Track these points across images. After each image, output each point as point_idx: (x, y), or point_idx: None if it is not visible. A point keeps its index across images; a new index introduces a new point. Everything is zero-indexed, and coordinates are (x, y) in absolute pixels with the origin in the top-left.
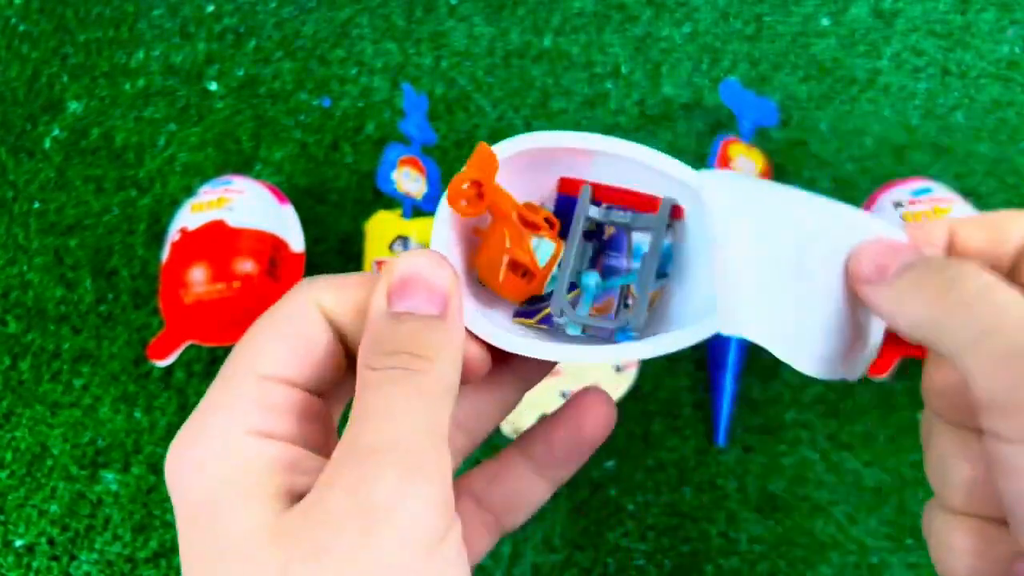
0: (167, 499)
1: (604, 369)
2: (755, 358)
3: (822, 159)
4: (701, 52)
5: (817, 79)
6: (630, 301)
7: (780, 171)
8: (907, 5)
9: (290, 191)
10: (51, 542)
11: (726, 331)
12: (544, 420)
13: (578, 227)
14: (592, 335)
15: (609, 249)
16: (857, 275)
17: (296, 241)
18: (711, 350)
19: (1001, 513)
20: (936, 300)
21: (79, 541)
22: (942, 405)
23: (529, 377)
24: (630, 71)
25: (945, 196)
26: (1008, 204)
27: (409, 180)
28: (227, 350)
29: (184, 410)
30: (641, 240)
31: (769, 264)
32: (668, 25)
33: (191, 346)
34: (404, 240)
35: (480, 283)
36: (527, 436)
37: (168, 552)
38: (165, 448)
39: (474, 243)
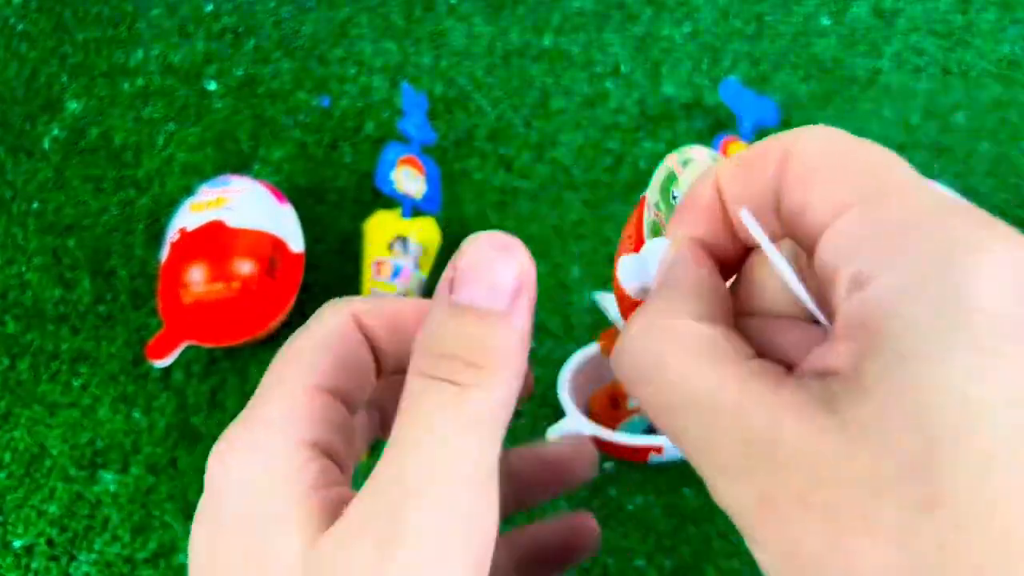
0: (166, 499)
1: None
2: None
3: None
4: (701, 51)
5: (817, 79)
6: None
7: None
8: (908, 4)
9: (289, 191)
10: (50, 543)
11: None
12: (537, 525)
13: None
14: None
15: None
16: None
17: (295, 241)
18: None
19: None
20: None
21: (78, 542)
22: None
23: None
24: (630, 70)
25: None
26: (1008, 203)
27: (409, 179)
28: (226, 351)
29: (183, 410)
30: None
31: None
32: (668, 24)
33: (190, 347)
34: (403, 240)
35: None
36: (518, 530)
37: (167, 553)
38: (164, 449)
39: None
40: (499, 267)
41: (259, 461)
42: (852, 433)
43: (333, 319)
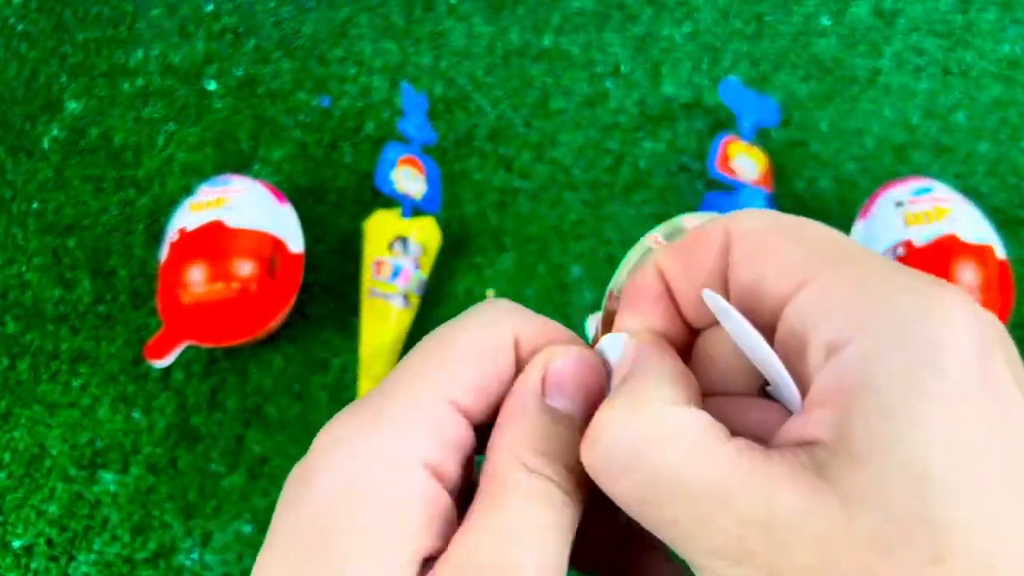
0: (166, 500)
1: None
2: None
3: (823, 159)
4: (701, 51)
5: (818, 78)
6: None
7: (780, 171)
8: (908, 4)
9: (289, 191)
10: (49, 543)
11: None
12: None
13: None
14: None
15: None
16: None
17: (295, 241)
18: None
19: None
20: None
21: (78, 542)
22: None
23: None
24: (630, 70)
25: (946, 196)
26: (1009, 203)
27: (408, 179)
28: (226, 351)
29: (183, 410)
30: None
31: None
32: (668, 24)
33: (190, 347)
34: (403, 240)
35: None
36: None
37: (167, 553)
38: (164, 449)
39: None
40: (589, 382)
41: (374, 466)
42: (850, 499)
43: (498, 331)
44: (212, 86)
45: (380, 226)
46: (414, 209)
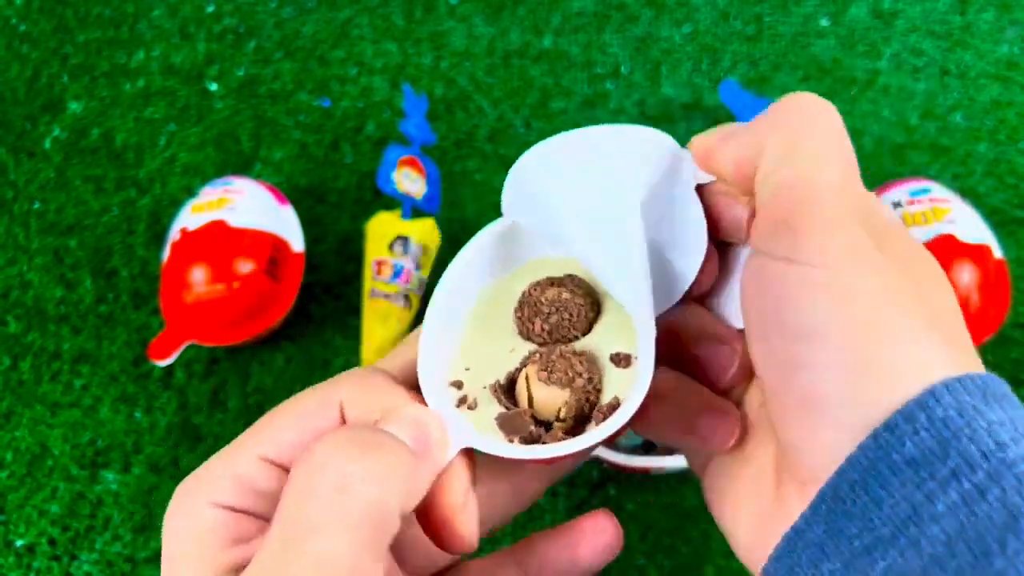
0: (168, 499)
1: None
2: None
3: None
4: (701, 52)
5: (817, 79)
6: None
7: None
8: (907, 5)
9: (290, 191)
10: (51, 542)
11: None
12: (542, 534)
13: None
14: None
15: None
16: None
17: (296, 241)
18: None
19: None
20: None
21: (79, 541)
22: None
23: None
24: (630, 71)
25: (944, 196)
26: (1007, 203)
27: (409, 180)
28: (227, 350)
29: (184, 410)
30: None
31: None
32: (668, 25)
33: (191, 346)
34: (404, 240)
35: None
36: (525, 545)
37: None
38: (165, 448)
39: None
40: (425, 425)
41: (181, 518)
42: None
43: (325, 395)
44: (213, 87)
45: (381, 227)
46: (414, 209)
